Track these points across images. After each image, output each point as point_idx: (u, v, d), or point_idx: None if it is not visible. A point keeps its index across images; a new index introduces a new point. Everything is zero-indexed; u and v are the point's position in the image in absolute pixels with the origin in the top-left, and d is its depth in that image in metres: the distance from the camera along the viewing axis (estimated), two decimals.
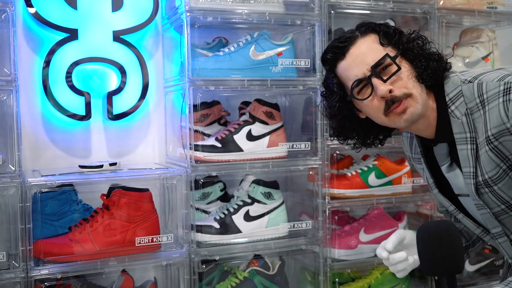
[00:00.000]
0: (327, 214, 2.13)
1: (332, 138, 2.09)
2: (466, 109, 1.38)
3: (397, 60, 1.40)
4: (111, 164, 1.95)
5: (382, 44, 1.42)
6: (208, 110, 2.14)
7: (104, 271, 1.84)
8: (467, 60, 2.40)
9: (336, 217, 2.18)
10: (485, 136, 1.35)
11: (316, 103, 2.10)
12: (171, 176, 1.98)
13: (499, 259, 2.48)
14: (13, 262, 1.74)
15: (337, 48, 1.45)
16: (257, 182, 2.09)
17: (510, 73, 1.34)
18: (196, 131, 2.08)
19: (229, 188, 2.22)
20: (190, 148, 1.97)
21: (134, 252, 1.88)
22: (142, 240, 1.88)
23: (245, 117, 2.10)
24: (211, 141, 2.04)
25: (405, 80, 1.39)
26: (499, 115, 1.31)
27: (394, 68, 1.39)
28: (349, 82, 1.43)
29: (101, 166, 1.91)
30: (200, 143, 2.01)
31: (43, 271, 1.76)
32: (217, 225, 2.03)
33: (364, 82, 1.41)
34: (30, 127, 2.04)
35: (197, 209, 2.10)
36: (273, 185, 2.12)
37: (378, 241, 2.22)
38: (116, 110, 2.07)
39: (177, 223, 2.02)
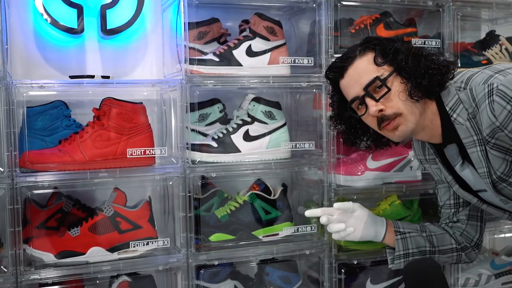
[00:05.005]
0: (332, 135, 2.00)
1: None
2: (468, 114, 1.46)
3: (390, 79, 1.50)
4: (103, 77, 1.86)
5: (376, 64, 1.52)
6: (207, 28, 2.04)
7: (93, 182, 1.75)
8: None
9: (341, 139, 2.05)
10: (482, 137, 1.45)
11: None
12: (167, 88, 1.89)
13: None
14: None
15: (337, 68, 1.60)
16: (258, 100, 1.98)
17: (493, 73, 1.43)
18: (192, 48, 1.98)
19: (230, 112, 2.12)
20: (185, 62, 1.86)
21: (126, 165, 1.78)
22: (134, 152, 1.79)
23: (246, 33, 1.99)
24: (208, 56, 1.94)
25: (395, 100, 1.50)
26: (488, 116, 1.40)
27: (385, 89, 1.50)
28: (348, 99, 1.59)
29: (93, 76, 1.83)
30: (196, 57, 1.91)
31: (30, 179, 1.68)
32: (215, 144, 1.93)
33: (359, 100, 1.55)
34: (21, 43, 1.96)
35: (196, 131, 2.00)
36: (275, 104, 2.01)
37: (386, 168, 2.10)
38: (110, 25, 1.98)
39: (172, 143, 1.92)
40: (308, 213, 1.77)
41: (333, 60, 1.97)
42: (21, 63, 1.96)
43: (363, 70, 1.55)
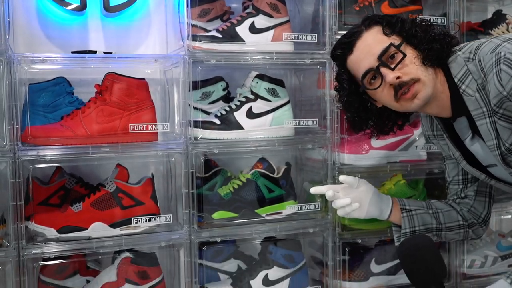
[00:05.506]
0: (335, 113, 1.99)
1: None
2: (477, 85, 1.44)
3: (402, 48, 1.48)
4: (105, 53, 1.85)
5: (386, 34, 1.51)
6: (210, 5, 2.03)
7: (96, 157, 1.74)
8: None
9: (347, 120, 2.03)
10: (491, 108, 1.42)
11: None
12: (170, 65, 1.88)
13: None
14: None
15: (345, 43, 1.57)
16: (261, 77, 1.97)
17: (501, 42, 1.40)
18: (195, 26, 1.97)
19: (233, 92, 2.10)
20: (188, 39, 1.85)
21: (128, 140, 1.77)
22: (137, 127, 1.78)
23: (249, 10, 1.98)
24: (211, 33, 1.92)
25: (411, 66, 1.47)
26: (495, 86, 1.38)
27: (400, 55, 1.48)
28: (360, 74, 1.53)
29: (95, 52, 1.82)
30: (199, 34, 1.90)
31: (32, 153, 1.67)
32: (217, 121, 1.92)
33: (373, 73, 1.51)
34: (24, 21, 1.95)
35: (198, 109, 1.98)
36: (278, 82, 2.00)
37: (391, 147, 2.08)
38: (113, 2, 1.97)
39: (175, 121, 1.91)
40: (313, 190, 1.76)
41: (338, 37, 1.98)
42: (23, 41, 1.95)
43: (374, 41, 1.52)
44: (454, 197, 1.78)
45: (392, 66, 1.48)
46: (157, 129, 1.80)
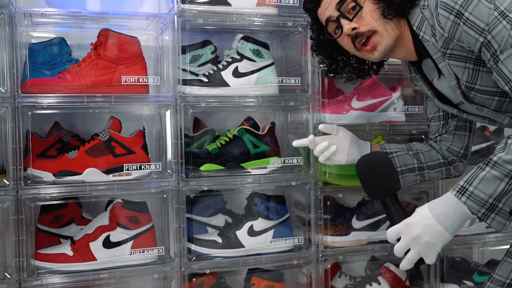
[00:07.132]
0: (316, 73, 2.11)
1: None
2: (431, 30, 1.51)
3: (359, 0, 1.59)
4: None
5: None
6: None
7: (90, 106, 1.86)
8: None
9: (326, 78, 2.15)
10: (441, 52, 1.50)
11: None
12: (161, 26, 2.02)
13: (499, 143, 2.42)
14: None
15: None
16: (246, 38, 2.10)
17: None
18: None
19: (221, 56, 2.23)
20: (177, 3, 1.98)
21: (121, 92, 1.90)
22: (129, 79, 1.90)
23: None
24: None
25: (368, 18, 1.58)
26: (437, 29, 1.47)
27: (357, 8, 1.58)
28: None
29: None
30: None
31: (30, 99, 1.79)
32: (205, 79, 2.04)
33: (336, 23, 1.63)
34: None
35: (187, 71, 2.11)
36: (263, 44, 2.12)
37: (371, 108, 2.20)
38: None
39: (164, 79, 2.03)
40: (296, 143, 1.89)
41: None
42: (23, 2, 2.07)
43: None
44: (436, 135, 1.87)
45: (350, 17, 1.60)
46: (148, 82, 1.93)
